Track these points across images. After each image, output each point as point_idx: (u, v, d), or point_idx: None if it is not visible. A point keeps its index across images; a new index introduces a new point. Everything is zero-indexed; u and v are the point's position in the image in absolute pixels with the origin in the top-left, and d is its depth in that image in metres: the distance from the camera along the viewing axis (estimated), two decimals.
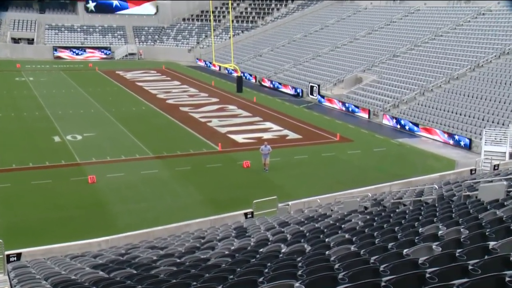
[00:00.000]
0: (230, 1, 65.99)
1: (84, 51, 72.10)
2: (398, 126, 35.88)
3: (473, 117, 32.54)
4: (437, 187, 17.14)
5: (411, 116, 36.05)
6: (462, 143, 30.87)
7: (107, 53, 72.96)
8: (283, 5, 77.61)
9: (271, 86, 52.80)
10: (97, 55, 72.43)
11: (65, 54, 71.33)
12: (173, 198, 22.45)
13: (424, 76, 40.80)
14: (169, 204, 21.78)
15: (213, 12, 74.25)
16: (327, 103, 44.17)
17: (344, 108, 41.95)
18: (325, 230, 12.04)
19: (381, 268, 6.40)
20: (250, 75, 57.23)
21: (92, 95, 45.84)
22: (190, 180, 24.86)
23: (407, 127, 35.14)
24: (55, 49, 71.00)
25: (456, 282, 5.40)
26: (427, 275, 5.75)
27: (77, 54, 71.73)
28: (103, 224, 19.53)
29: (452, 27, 48.33)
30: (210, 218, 19.03)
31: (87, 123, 35.50)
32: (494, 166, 22.82)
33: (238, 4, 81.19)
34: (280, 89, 51.05)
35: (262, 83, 54.56)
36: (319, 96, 45.34)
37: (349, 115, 40.47)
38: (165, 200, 22.15)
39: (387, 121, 37.06)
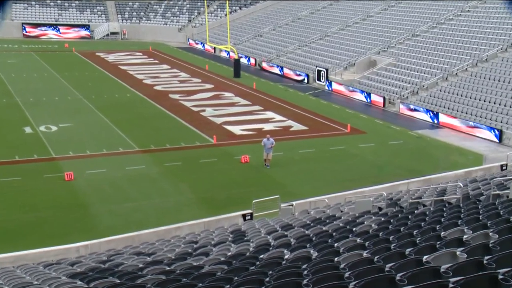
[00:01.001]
0: None
1: (57, 28, 71.82)
2: (418, 116, 35.86)
3: (504, 105, 32.51)
4: (462, 185, 17.15)
5: (432, 104, 36.03)
6: (491, 135, 30.87)
7: (87, 31, 72.77)
8: None
9: (273, 70, 52.73)
10: (74, 34, 72.26)
11: (37, 33, 71.14)
12: (162, 197, 22.48)
13: (448, 59, 40.73)
14: (157, 204, 21.81)
15: None
16: (336, 90, 44.12)
17: (355, 96, 41.92)
18: (334, 233, 12.07)
19: (398, 277, 6.41)
20: (249, 58, 57.14)
21: (68, 80, 45.76)
22: (181, 177, 24.88)
23: (427, 117, 35.13)
24: (24, 26, 70.78)
25: None
26: (451, 285, 5.75)
27: (57, 31, 71.51)
28: (82, 227, 19.55)
29: (481, 1, 48.17)
30: (204, 220, 19.07)
31: (63, 112, 35.46)
32: None
33: None
34: (283, 74, 50.99)
35: (263, 67, 54.48)
36: (328, 82, 45.29)
37: (362, 104, 40.45)
38: (153, 200, 22.18)
39: (405, 110, 37.04)
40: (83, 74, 49.32)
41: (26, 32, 70.80)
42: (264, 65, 54.03)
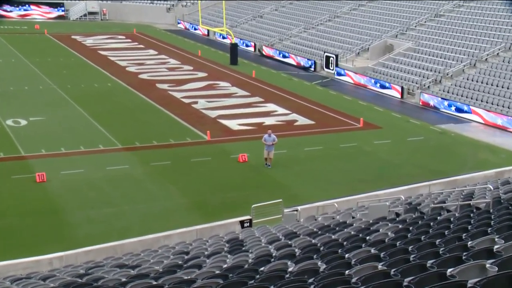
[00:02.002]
0: None
1: (29, 6, 71.76)
2: (441, 108, 35.88)
3: None
4: (492, 188, 17.16)
5: (458, 94, 36.03)
6: None
7: (62, 9, 72.77)
8: None
9: (275, 56, 52.72)
10: (48, 14, 72.20)
11: (18, 12, 71.09)
12: (148, 202, 22.47)
13: (476, 42, 40.71)
14: (143, 209, 21.80)
15: None
16: (347, 79, 44.13)
17: (369, 85, 41.93)
18: (345, 243, 12.08)
19: None
20: (248, 43, 57.11)
21: (40, 67, 45.72)
22: (170, 178, 24.88)
23: (452, 110, 35.13)
24: None
25: None
26: None
27: (28, 7, 71.56)
28: (55, 236, 19.54)
29: None
30: (196, 228, 19.10)
31: (34, 104, 35.43)
32: None
33: None
34: (287, 61, 51.00)
35: (263, 53, 54.46)
36: (337, 70, 45.30)
37: (377, 94, 40.46)
38: (138, 205, 22.18)
39: (427, 101, 37.05)
40: (57, 60, 49.26)
41: None
42: (266, 50, 54.02)
